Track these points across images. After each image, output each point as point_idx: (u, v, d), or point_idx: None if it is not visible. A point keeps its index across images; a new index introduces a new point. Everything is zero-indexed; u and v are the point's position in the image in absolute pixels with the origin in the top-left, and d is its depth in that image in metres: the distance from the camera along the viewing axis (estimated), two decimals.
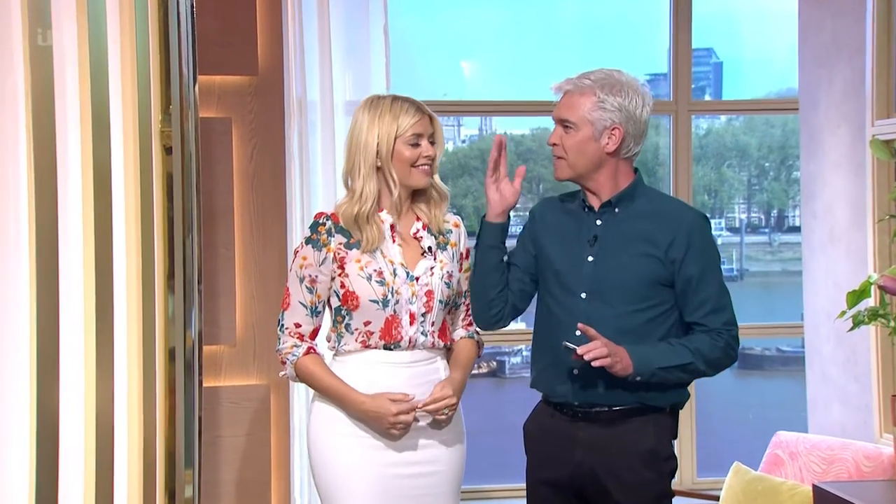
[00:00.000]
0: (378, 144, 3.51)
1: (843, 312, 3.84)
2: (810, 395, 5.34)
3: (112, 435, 3.19)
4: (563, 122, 3.47)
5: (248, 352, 5.05)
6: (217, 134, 4.94)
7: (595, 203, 3.52)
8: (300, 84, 4.93)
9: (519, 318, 3.72)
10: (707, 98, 8.41)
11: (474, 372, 3.73)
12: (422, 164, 3.54)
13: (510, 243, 3.63)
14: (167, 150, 3.51)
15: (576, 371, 3.45)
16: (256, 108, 5.03)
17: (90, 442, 3.09)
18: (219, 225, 4.96)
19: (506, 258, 3.56)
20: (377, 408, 3.47)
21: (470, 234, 3.74)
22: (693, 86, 5.75)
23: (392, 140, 3.51)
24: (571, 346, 3.33)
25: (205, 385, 4.31)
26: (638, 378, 3.37)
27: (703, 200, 8.78)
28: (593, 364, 3.29)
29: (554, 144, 3.50)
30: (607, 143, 3.44)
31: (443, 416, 3.54)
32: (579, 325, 3.35)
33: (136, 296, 3.40)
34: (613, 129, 3.43)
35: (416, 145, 3.53)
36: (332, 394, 3.52)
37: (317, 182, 4.95)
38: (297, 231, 4.90)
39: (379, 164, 3.52)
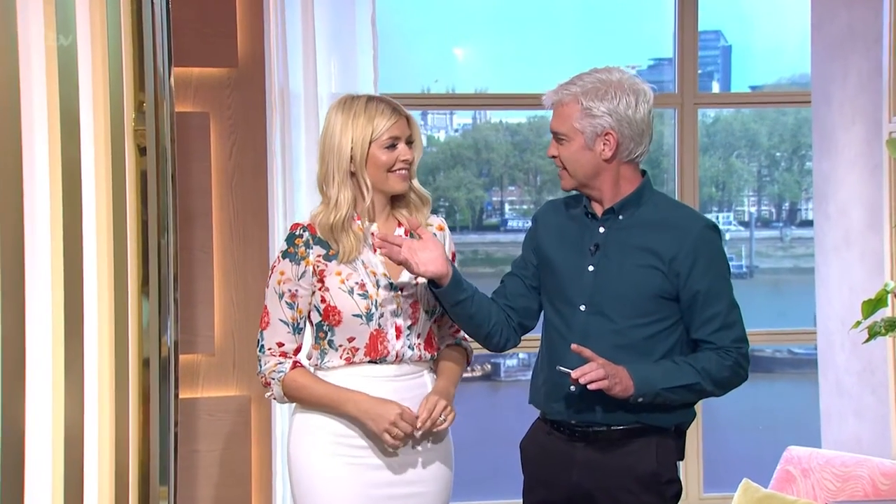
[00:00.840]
0: (352, 149, 3.49)
1: (858, 322, 3.85)
2: (823, 406, 5.34)
3: (82, 450, 3.18)
4: (555, 135, 3.50)
5: (228, 361, 5.03)
6: (194, 129, 4.92)
7: (598, 210, 3.52)
8: (282, 76, 4.91)
9: None
10: (715, 84, 8.40)
11: (466, 376, 3.73)
12: (399, 169, 3.52)
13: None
14: (141, 151, 3.50)
15: (572, 388, 3.44)
16: (236, 102, 5.01)
17: (58, 457, 3.08)
18: (196, 226, 4.94)
19: (475, 297, 3.51)
20: (380, 407, 3.44)
21: (464, 228, 3.74)
22: (700, 71, 5.73)
23: (367, 144, 3.49)
24: (565, 370, 3.33)
25: (181, 396, 4.31)
26: (640, 399, 3.37)
27: (710, 193, 8.77)
28: (589, 388, 3.29)
29: (553, 157, 3.51)
30: (603, 150, 3.45)
31: (444, 425, 3.52)
32: (573, 346, 3.34)
33: (108, 302, 3.39)
34: (606, 135, 3.43)
35: (393, 148, 3.51)
36: (327, 401, 3.50)
37: (300, 180, 4.93)
38: (280, 233, 4.88)
39: (353, 169, 3.51)
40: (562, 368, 3.34)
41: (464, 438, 3.71)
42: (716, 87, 8.48)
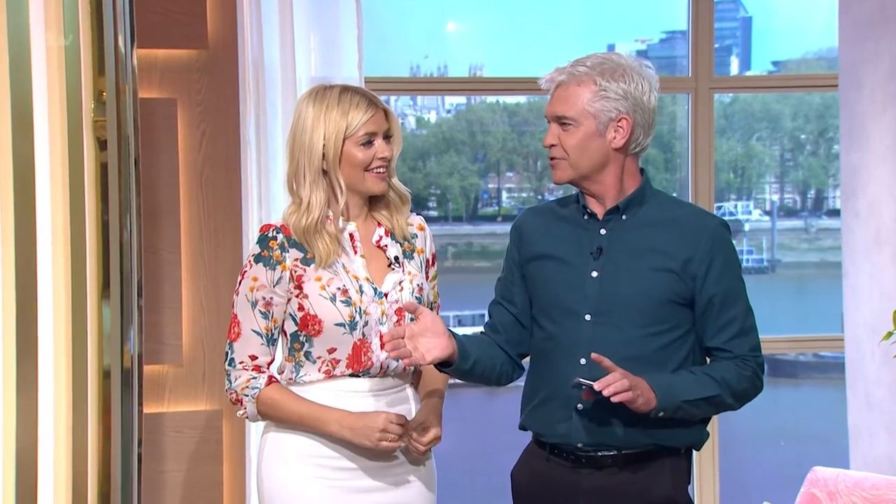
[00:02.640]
0: (324, 146, 3.49)
1: (890, 333, 3.85)
2: (852, 422, 5.34)
3: (35, 471, 3.18)
4: (559, 120, 3.44)
5: (197, 372, 5.03)
6: (159, 118, 4.91)
7: (598, 209, 3.50)
8: (258, 58, 4.90)
9: None
10: (734, 59, 8.38)
11: (460, 382, 3.73)
12: (377, 168, 3.52)
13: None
14: (101, 143, 3.49)
15: (580, 406, 3.44)
16: (206, 87, 5.01)
17: (9, 480, 3.08)
18: (162, 225, 4.94)
19: (481, 357, 3.50)
20: (365, 420, 3.44)
21: (457, 218, 3.74)
22: (717, 45, 5.72)
23: (340, 140, 3.49)
24: (586, 381, 3.29)
25: (146, 411, 4.30)
26: (661, 414, 3.36)
27: (727, 179, 8.76)
28: (613, 399, 3.26)
29: (552, 146, 3.46)
30: (614, 137, 3.42)
31: (423, 450, 3.54)
32: (593, 355, 3.31)
33: (65, 309, 3.38)
34: (620, 120, 3.41)
35: (370, 145, 3.50)
36: (307, 420, 3.50)
37: (277, 173, 4.91)
38: (255, 231, 4.85)
39: (325, 167, 3.51)
40: (582, 381, 3.29)
41: (456, 454, 3.70)
42: (734, 64, 8.45)
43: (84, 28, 3.45)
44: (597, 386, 3.25)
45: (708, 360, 3.53)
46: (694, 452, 3.61)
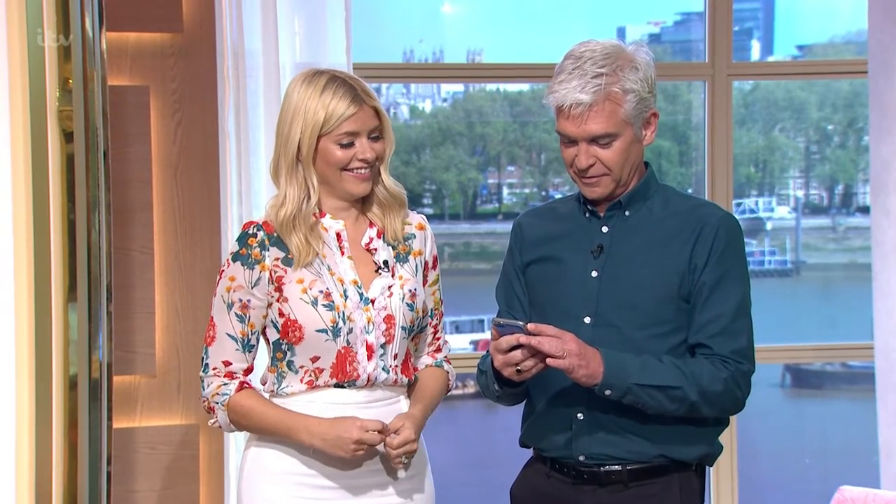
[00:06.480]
0: (300, 140, 3.47)
1: None
2: (883, 438, 5.35)
3: None
4: (597, 139, 3.41)
5: (172, 383, 5.04)
6: (131, 107, 4.92)
7: (601, 205, 3.51)
8: (237, 42, 4.90)
9: None
10: (755, 44, 8.38)
11: (458, 393, 3.73)
12: (357, 168, 3.50)
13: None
14: (67, 135, 3.49)
15: (580, 416, 3.45)
16: (181, 74, 5.01)
17: None
18: (134, 223, 4.95)
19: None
20: (337, 429, 3.41)
21: (454, 216, 3.73)
22: (737, 28, 5.72)
23: (315, 137, 3.46)
24: (505, 321, 3.30)
25: (116, 426, 4.30)
26: (607, 392, 3.33)
27: (747, 173, 8.77)
28: (549, 362, 3.25)
29: (589, 166, 3.43)
30: (646, 135, 3.47)
31: (400, 464, 3.51)
32: (528, 325, 3.28)
33: (27, 313, 3.39)
34: (651, 116, 3.45)
35: (350, 146, 3.47)
36: (279, 429, 3.49)
37: (258, 167, 4.92)
38: (235, 231, 4.86)
39: (300, 159, 3.48)
40: (499, 319, 3.31)
41: (455, 469, 3.70)
42: (755, 48, 8.46)
43: (48, 9, 3.45)
44: (530, 326, 3.25)
45: None
46: (708, 469, 3.61)
